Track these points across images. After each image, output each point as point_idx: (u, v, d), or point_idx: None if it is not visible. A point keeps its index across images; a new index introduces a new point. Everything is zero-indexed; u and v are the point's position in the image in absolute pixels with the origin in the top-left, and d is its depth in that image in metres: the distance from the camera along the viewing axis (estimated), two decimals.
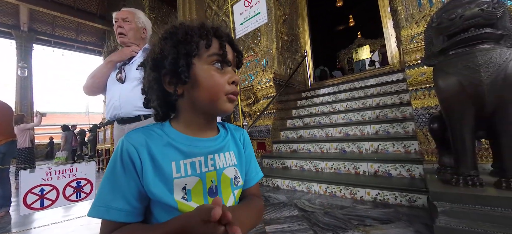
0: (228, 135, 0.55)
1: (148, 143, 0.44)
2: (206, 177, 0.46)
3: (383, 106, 2.96)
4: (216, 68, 0.46)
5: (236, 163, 0.53)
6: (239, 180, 0.52)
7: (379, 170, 2.20)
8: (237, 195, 0.51)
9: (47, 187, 2.25)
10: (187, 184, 0.44)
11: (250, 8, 3.21)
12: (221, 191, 0.48)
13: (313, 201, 2.08)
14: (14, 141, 2.81)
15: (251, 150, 0.59)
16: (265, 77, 3.85)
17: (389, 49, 4.29)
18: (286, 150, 3.17)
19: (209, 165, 0.47)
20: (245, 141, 0.58)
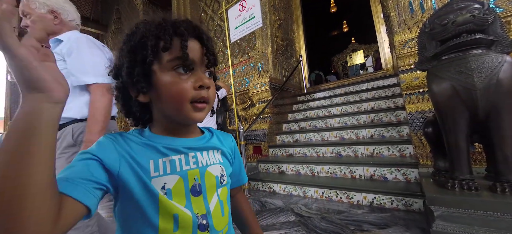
0: (213, 136, 0.54)
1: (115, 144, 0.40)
2: (187, 175, 0.43)
3: (378, 111, 2.99)
4: (179, 74, 0.41)
5: (221, 161, 0.51)
6: (225, 178, 0.50)
7: (375, 174, 2.20)
8: (221, 193, 0.48)
9: None
10: (166, 183, 0.41)
11: (244, 13, 3.22)
12: (205, 189, 0.45)
13: (310, 205, 2.06)
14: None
15: (239, 153, 0.61)
16: (260, 81, 3.85)
17: (382, 54, 4.36)
18: (282, 154, 3.16)
19: (191, 163, 0.45)
20: (234, 144, 0.59)
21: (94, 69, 0.98)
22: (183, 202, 0.42)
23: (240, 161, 0.61)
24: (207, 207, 0.44)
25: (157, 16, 0.44)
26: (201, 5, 5.57)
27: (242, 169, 0.61)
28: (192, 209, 0.42)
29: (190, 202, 0.42)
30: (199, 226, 0.42)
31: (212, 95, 0.45)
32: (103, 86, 0.99)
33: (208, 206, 0.44)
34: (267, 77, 3.81)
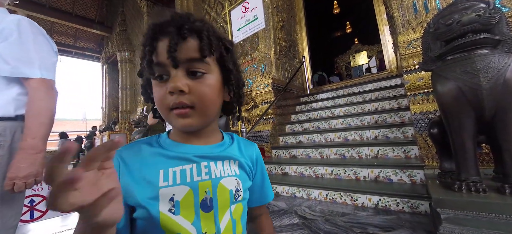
0: (233, 144, 0.48)
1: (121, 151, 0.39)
2: (198, 187, 0.39)
3: (382, 111, 2.96)
4: (158, 81, 0.38)
5: (238, 173, 0.45)
6: (241, 193, 0.44)
7: (379, 176, 2.18)
8: (235, 211, 0.42)
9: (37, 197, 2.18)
10: (175, 195, 0.37)
11: (247, 14, 3.23)
12: (217, 204, 0.40)
13: (314, 208, 2.05)
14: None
15: (263, 166, 0.53)
16: (263, 83, 3.85)
17: (386, 55, 4.33)
18: (286, 155, 3.15)
19: (203, 173, 0.40)
20: (257, 157, 0.52)
21: (41, 61, 0.82)
22: (192, 217, 0.38)
23: (264, 175, 0.53)
24: (217, 226, 0.39)
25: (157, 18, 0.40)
26: (204, 7, 5.61)
27: (266, 184, 0.53)
28: (200, 227, 0.38)
29: (199, 218, 0.38)
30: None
31: (201, 98, 0.38)
32: (49, 83, 0.83)
33: (218, 225, 0.39)
34: (270, 78, 3.81)
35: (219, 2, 5.31)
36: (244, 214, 0.46)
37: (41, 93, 0.80)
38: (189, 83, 0.37)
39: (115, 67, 9.62)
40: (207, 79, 0.39)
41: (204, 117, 0.40)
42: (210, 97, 0.39)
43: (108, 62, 10.19)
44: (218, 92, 0.41)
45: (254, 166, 0.51)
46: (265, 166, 0.55)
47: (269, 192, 0.54)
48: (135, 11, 8.10)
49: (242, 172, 0.46)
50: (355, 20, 9.39)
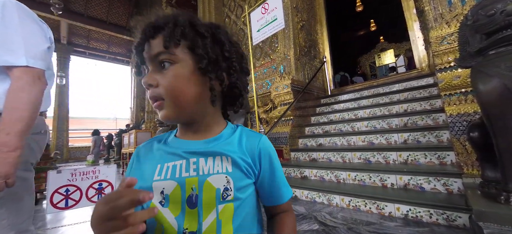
0: (232, 138, 0.45)
1: (139, 147, 0.46)
2: (185, 182, 0.40)
3: (411, 113, 2.74)
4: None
5: (230, 171, 0.41)
6: (231, 193, 0.40)
7: (409, 183, 2.00)
8: (222, 211, 0.39)
9: (72, 187, 2.37)
10: (165, 188, 0.40)
11: (267, 15, 3.21)
12: (201, 201, 0.39)
13: (335, 214, 1.94)
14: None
15: (272, 161, 0.46)
16: (282, 84, 3.79)
17: (416, 53, 4.02)
18: (305, 158, 3.05)
19: (191, 170, 0.41)
20: (261, 150, 0.45)
21: (28, 47, 0.73)
22: (177, 212, 0.39)
23: (274, 171, 0.46)
24: (199, 224, 0.38)
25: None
26: (225, 11, 5.72)
27: (278, 182, 0.46)
28: (183, 222, 0.38)
29: (184, 213, 0.39)
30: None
31: (167, 88, 0.39)
32: (35, 72, 0.73)
33: (201, 223, 0.38)
34: (289, 79, 3.73)
35: (239, 5, 5.37)
36: (239, 214, 0.41)
37: (22, 83, 0.71)
38: (158, 77, 0.40)
39: None
40: (174, 69, 0.40)
41: (177, 107, 0.40)
42: (177, 86, 0.40)
43: None
44: (188, 80, 0.40)
45: (257, 162, 0.44)
46: (283, 168, 0.49)
47: (282, 191, 0.46)
48: None
49: (235, 169, 0.42)
50: (380, 17, 8.91)
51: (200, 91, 0.42)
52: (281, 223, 0.47)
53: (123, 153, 6.54)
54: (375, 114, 3.17)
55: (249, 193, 0.43)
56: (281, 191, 0.46)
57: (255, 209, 0.45)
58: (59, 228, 2.21)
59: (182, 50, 0.40)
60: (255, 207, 0.45)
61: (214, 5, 5.70)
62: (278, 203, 0.47)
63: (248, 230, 0.42)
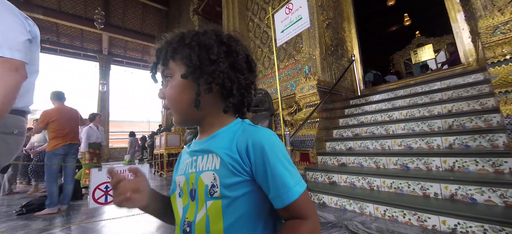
0: (224, 135, 0.45)
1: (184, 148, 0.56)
2: (189, 177, 0.46)
3: (457, 114, 2.43)
4: None
5: (217, 167, 0.41)
6: (217, 190, 0.40)
7: (457, 193, 1.76)
8: (210, 207, 0.40)
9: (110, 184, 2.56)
10: (180, 182, 0.47)
11: (291, 15, 3.13)
12: (197, 195, 0.43)
13: (368, 224, 1.78)
14: (73, 144, 2.97)
15: (266, 154, 0.39)
16: (307, 85, 3.66)
17: (460, 46, 3.58)
18: (333, 162, 2.89)
19: (193, 166, 0.46)
20: (250, 144, 0.41)
21: (3, 38, 0.71)
22: (185, 202, 0.45)
23: (266, 167, 0.39)
24: (195, 216, 0.42)
25: None
26: (248, 14, 5.77)
27: (272, 180, 0.39)
28: (186, 212, 0.44)
29: (189, 205, 0.45)
30: (184, 232, 0.43)
31: (168, 99, 0.47)
32: (10, 62, 0.71)
33: (196, 215, 0.42)
34: (315, 80, 3.59)
35: (262, 8, 5.37)
36: (230, 213, 0.39)
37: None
38: (164, 90, 0.48)
39: None
40: (171, 81, 0.47)
41: (178, 113, 0.47)
42: (173, 96, 0.46)
43: None
44: (181, 89, 0.45)
45: (245, 157, 0.41)
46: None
47: (281, 191, 0.38)
48: (189, 25, 8.93)
49: (222, 166, 0.41)
50: (416, 10, 8.19)
51: (192, 96, 0.44)
52: (287, 231, 0.39)
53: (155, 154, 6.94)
54: (413, 116, 2.88)
55: (244, 192, 0.40)
56: (279, 190, 0.38)
57: (260, 210, 0.41)
58: (99, 222, 2.39)
59: (176, 63, 0.46)
60: (260, 208, 0.41)
61: (238, 10, 5.78)
62: (281, 206, 0.39)
63: (246, 231, 0.39)
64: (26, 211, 2.71)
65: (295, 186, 0.39)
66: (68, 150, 2.89)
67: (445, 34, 7.64)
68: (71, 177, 3.00)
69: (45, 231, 2.09)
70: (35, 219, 2.51)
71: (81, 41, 11.12)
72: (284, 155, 0.41)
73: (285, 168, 0.39)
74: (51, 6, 9.13)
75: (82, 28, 10.12)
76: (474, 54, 3.33)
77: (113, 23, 10.60)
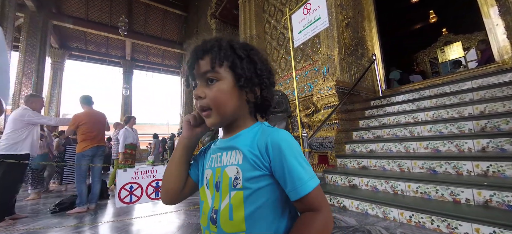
0: (248, 133, 0.51)
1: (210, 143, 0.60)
2: (215, 171, 0.51)
3: (491, 116, 2.26)
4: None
5: (240, 162, 0.48)
6: (239, 182, 0.46)
7: (492, 200, 1.63)
8: (233, 197, 0.46)
9: (135, 184, 2.67)
10: (208, 175, 0.53)
11: (309, 15, 3.10)
12: (221, 187, 0.48)
13: (393, 230, 1.71)
14: (100, 146, 3.10)
15: (283, 152, 0.44)
16: (326, 86, 3.60)
17: (494, 43, 3.33)
18: (353, 165, 2.80)
19: (218, 161, 0.51)
20: (269, 142, 0.46)
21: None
22: (212, 193, 0.51)
23: (283, 163, 0.44)
24: (219, 205, 0.47)
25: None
26: (265, 16, 5.80)
27: (289, 175, 0.44)
28: (213, 201, 0.49)
29: (214, 195, 0.50)
30: (211, 218, 0.48)
31: (213, 100, 0.48)
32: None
33: (220, 204, 0.47)
34: (334, 80, 3.52)
35: (279, 10, 5.37)
36: (246, 202, 0.45)
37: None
38: (206, 90, 0.49)
39: None
40: (219, 85, 0.49)
41: (220, 115, 0.50)
42: (221, 99, 0.49)
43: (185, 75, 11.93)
44: (230, 94, 0.49)
45: (264, 154, 0.46)
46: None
47: (296, 184, 0.43)
48: (206, 29, 9.18)
49: (244, 161, 0.47)
50: (443, 6, 7.73)
51: (238, 102, 0.51)
52: (301, 223, 0.43)
53: None
54: (441, 117, 2.72)
55: (264, 185, 0.46)
56: (295, 183, 0.43)
57: (278, 202, 0.46)
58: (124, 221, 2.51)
59: (225, 69, 0.49)
60: (279, 200, 0.46)
61: (255, 13, 5.84)
62: (295, 198, 0.43)
63: (267, 220, 0.45)
64: (59, 210, 2.88)
65: (309, 180, 0.43)
66: (96, 152, 3.04)
67: (476, 30, 7.12)
68: (98, 177, 3.13)
69: (77, 229, 2.23)
70: (67, 217, 2.67)
71: (107, 48, 11.86)
72: (299, 153, 0.46)
73: (300, 164, 0.44)
74: (80, 15, 9.85)
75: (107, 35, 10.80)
76: (510, 52, 3.08)
77: (136, 30, 11.18)
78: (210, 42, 0.50)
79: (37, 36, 8.16)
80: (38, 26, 8.23)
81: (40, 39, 8.21)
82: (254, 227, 0.44)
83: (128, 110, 11.92)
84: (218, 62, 0.48)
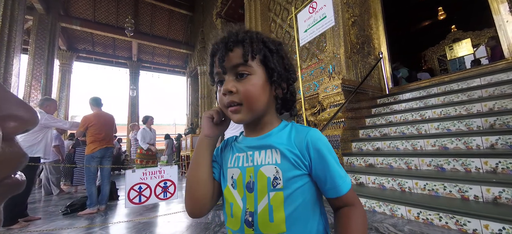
0: (283, 132, 0.49)
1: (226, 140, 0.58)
2: (246, 171, 0.48)
3: (500, 113, 2.24)
4: (218, 87, 0.50)
5: (279, 162, 0.46)
6: (280, 182, 0.45)
7: (501, 197, 1.63)
8: (273, 198, 0.44)
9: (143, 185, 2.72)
10: (234, 174, 0.50)
11: (315, 14, 3.11)
12: (256, 187, 0.46)
13: (401, 227, 1.72)
14: (109, 148, 3.15)
15: (322, 152, 0.45)
16: (332, 84, 3.60)
17: (504, 40, 3.28)
18: (360, 163, 2.81)
19: (249, 161, 0.48)
20: (309, 142, 0.46)
21: None
22: (242, 194, 0.48)
23: (325, 163, 0.45)
24: (255, 206, 0.45)
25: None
26: (270, 15, 5.82)
27: (331, 174, 0.45)
28: (246, 203, 0.46)
29: (245, 196, 0.47)
30: (245, 221, 0.46)
31: (245, 96, 0.46)
32: None
33: (256, 205, 0.45)
34: (340, 79, 3.52)
35: (285, 8, 5.38)
36: (287, 202, 0.44)
37: None
38: (237, 85, 0.46)
39: (196, 80, 11.23)
40: (251, 79, 0.46)
41: (251, 111, 0.47)
42: (254, 94, 0.46)
43: (191, 75, 12.00)
44: (263, 89, 0.47)
45: (305, 153, 0.46)
46: (335, 156, 0.46)
47: (338, 182, 0.45)
48: (212, 28, 9.25)
49: (284, 161, 0.46)
50: (452, 3, 7.60)
51: (269, 98, 0.49)
52: (347, 218, 0.45)
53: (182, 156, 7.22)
54: (449, 115, 2.70)
55: (301, 184, 0.45)
56: (336, 182, 0.45)
57: (313, 200, 0.47)
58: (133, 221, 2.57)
59: (257, 63, 0.47)
60: (313, 199, 0.47)
61: (260, 12, 5.86)
62: (335, 196, 0.46)
63: (304, 219, 0.45)
64: (70, 211, 2.92)
65: (346, 178, 0.46)
66: (105, 153, 3.08)
67: (486, 27, 6.98)
68: (107, 178, 3.17)
69: (88, 230, 2.28)
70: (78, 218, 2.71)
71: (113, 49, 12.05)
72: (334, 152, 0.48)
73: (337, 164, 0.47)
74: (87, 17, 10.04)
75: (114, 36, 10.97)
76: None
77: (142, 31, 11.33)
78: (241, 33, 0.47)
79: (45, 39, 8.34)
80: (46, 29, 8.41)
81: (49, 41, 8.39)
82: (294, 227, 0.44)
83: (135, 111, 12.09)
84: (251, 55, 0.46)
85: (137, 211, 2.94)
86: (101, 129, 3.08)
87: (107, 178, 3.16)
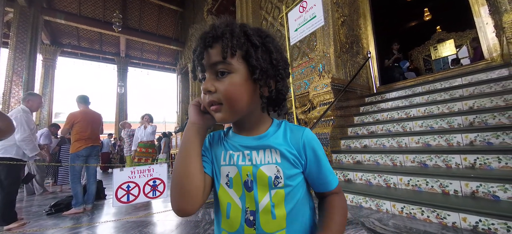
0: (278, 133, 0.49)
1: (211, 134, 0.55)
2: (242, 169, 0.47)
3: (479, 111, 2.36)
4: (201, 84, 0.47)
5: (279, 161, 0.46)
6: (281, 181, 0.45)
7: (478, 191, 1.72)
8: (274, 195, 0.45)
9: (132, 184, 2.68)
10: (230, 172, 0.48)
11: (305, 13, 3.15)
12: (256, 187, 0.45)
13: (385, 221, 1.79)
14: (95, 146, 3.08)
15: (317, 151, 0.48)
16: (321, 83, 3.66)
17: (484, 41, 3.43)
18: (348, 160, 2.88)
19: (246, 160, 0.47)
20: (305, 142, 0.48)
21: None
22: (239, 193, 0.47)
23: (319, 161, 0.49)
24: (256, 204, 0.45)
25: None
26: (262, 13, 5.81)
27: (324, 171, 0.49)
28: (245, 202, 0.46)
29: (244, 195, 0.46)
30: (246, 220, 0.45)
31: (225, 95, 0.43)
32: None
33: (257, 204, 0.45)
34: (329, 78, 3.58)
35: (276, 7, 5.39)
36: (287, 200, 0.46)
37: None
38: (216, 84, 0.44)
39: (187, 77, 11.07)
40: (231, 78, 0.43)
41: (233, 111, 0.45)
42: (234, 94, 0.43)
43: (181, 72, 11.81)
44: (244, 89, 0.44)
45: (302, 153, 0.48)
46: (326, 155, 0.50)
47: (330, 179, 0.50)
48: (202, 25, 9.13)
49: (283, 160, 0.47)
50: (436, 4, 7.86)
51: (252, 97, 0.46)
52: (331, 204, 0.50)
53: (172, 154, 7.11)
54: (432, 113, 2.82)
55: (298, 181, 0.48)
56: (328, 178, 0.50)
57: (306, 195, 0.50)
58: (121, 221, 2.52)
59: (237, 60, 0.44)
60: (306, 194, 0.50)
61: (252, 9, 5.85)
62: (327, 190, 0.51)
63: (301, 213, 0.47)
64: (55, 211, 2.83)
65: (334, 173, 0.52)
66: (90, 152, 3.01)
67: (468, 28, 7.28)
68: (93, 177, 3.09)
69: (74, 230, 2.21)
70: (63, 218, 2.63)
71: (100, 45, 11.68)
72: (323, 150, 0.52)
73: (327, 161, 0.51)
74: (72, 10, 9.64)
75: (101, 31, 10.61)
76: (498, 49, 3.18)
77: (130, 26, 11.02)
78: (221, 27, 0.44)
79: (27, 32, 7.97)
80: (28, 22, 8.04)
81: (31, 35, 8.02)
82: (294, 222, 0.46)
83: (123, 108, 11.81)
84: (231, 52, 0.42)
85: (125, 210, 2.89)
86: (87, 127, 3.00)
87: (93, 176, 3.09)
